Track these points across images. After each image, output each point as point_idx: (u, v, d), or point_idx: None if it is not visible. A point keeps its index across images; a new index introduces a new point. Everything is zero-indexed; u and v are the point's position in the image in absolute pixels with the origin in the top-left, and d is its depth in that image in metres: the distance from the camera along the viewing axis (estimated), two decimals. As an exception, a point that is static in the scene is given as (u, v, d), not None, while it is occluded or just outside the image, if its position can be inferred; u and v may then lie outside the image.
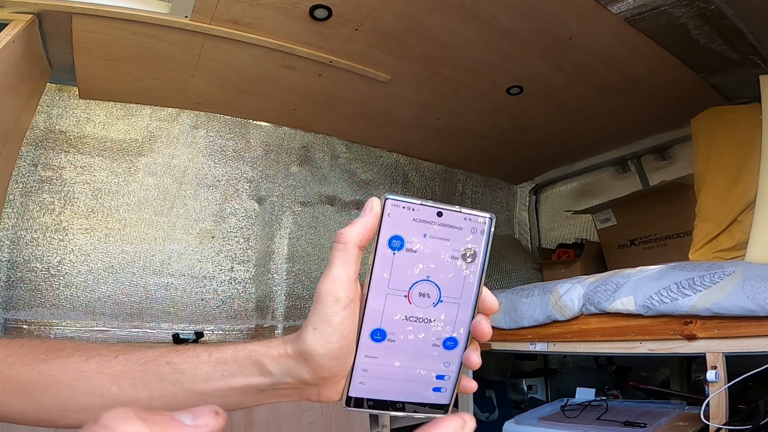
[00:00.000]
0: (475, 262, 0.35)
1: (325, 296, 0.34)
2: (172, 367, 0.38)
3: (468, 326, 0.37)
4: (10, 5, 1.33)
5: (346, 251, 0.34)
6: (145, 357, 0.39)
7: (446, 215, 0.35)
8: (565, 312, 1.60)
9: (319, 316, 0.34)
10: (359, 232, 0.34)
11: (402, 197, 0.34)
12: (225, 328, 2.04)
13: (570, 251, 2.46)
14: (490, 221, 0.35)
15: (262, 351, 0.37)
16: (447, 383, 0.37)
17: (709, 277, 1.26)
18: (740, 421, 1.16)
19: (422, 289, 0.35)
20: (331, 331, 0.34)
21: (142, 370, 0.38)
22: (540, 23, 1.50)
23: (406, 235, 0.34)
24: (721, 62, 1.69)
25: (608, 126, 2.26)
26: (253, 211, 2.17)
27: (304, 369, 0.35)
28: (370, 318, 0.35)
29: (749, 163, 1.50)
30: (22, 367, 0.40)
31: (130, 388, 0.38)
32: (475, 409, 2.11)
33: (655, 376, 2.17)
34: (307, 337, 0.34)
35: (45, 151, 1.78)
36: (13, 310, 1.67)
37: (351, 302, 0.34)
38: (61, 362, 0.40)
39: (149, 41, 1.53)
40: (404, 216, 0.34)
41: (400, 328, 0.35)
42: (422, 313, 0.35)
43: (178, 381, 0.38)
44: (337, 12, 1.43)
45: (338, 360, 0.35)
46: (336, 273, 0.34)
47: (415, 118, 2.17)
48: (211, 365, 0.37)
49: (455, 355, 0.37)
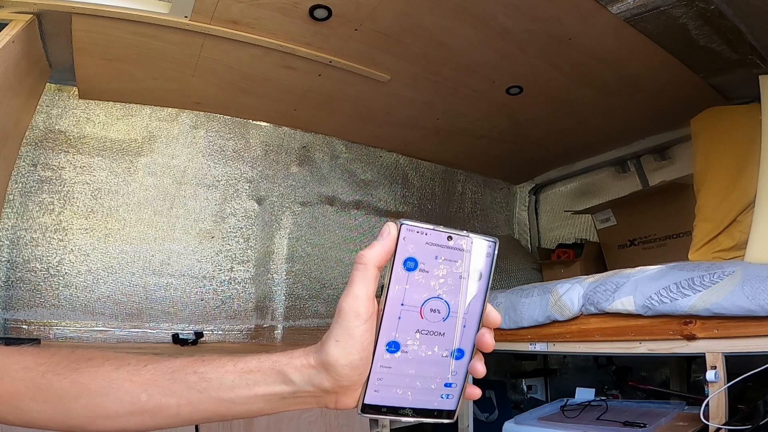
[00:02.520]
0: (481, 280, 0.39)
1: (347, 312, 0.37)
2: (199, 376, 0.40)
3: (473, 338, 0.40)
4: (9, 5, 1.33)
5: (365, 271, 0.38)
6: (173, 366, 0.42)
7: (455, 239, 0.38)
8: (565, 312, 1.60)
9: (342, 330, 0.37)
10: (378, 254, 0.38)
11: (416, 223, 0.38)
12: (224, 328, 2.04)
13: (570, 251, 2.46)
14: (495, 244, 0.39)
15: (285, 361, 0.40)
16: (454, 390, 0.40)
17: (709, 277, 1.26)
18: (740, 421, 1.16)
19: (433, 306, 0.38)
20: (353, 344, 0.37)
21: (171, 378, 0.41)
22: (540, 23, 1.50)
23: (419, 257, 0.38)
24: (720, 62, 1.69)
25: (608, 126, 2.26)
26: (253, 211, 2.17)
27: (326, 378, 0.38)
28: (386, 331, 0.38)
29: (749, 163, 1.50)
30: (55, 375, 0.42)
31: (159, 395, 0.41)
32: (475, 409, 2.11)
33: (654, 376, 2.17)
34: (330, 349, 0.38)
35: (44, 151, 1.78)
36: (12, 310, 1.67)
37: (370, 317, 0.37)
38: (93, 371, 0.42)
39: (149, 41, 1.53)
40: (418, 239, 0.38)
41: (413, 341, 0.39)
42: (433, 327, 0.39)
43: (204, 389, 0.40)
44: (336, 12, 1.43)
45: (357, 370, 0.38)
46: (357, 291, 0.37)
47: (415, 118, 2.17)
48: (236, 374, 0.40)
49: (462, 364, 0.40)
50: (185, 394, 0.40)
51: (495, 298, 1.94)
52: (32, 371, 0.42)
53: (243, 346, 2.03)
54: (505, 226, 3.05)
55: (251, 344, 2.07)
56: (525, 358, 2.55)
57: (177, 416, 0.41)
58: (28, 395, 0.42)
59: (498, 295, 1.95)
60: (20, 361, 0.43)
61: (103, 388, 0.41)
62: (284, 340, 2.16)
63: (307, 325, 2.22)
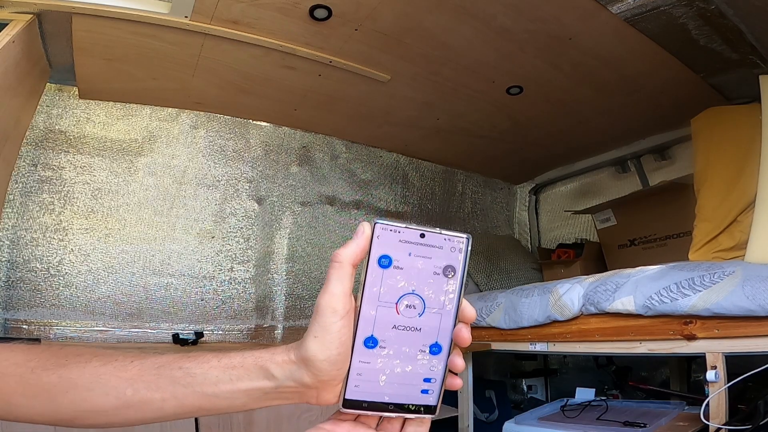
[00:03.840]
0: (455, 276, 0.40)
1: (324, 308, 0.38)
2: (185, 371, 0.41)
3: (450, 333, 0.41)
4: (10, 5, 1.33)
5: (341, 269, 0.39)
6: (158, 362, 0.43)
7: (428, 236, 0.39)
8: (565, 312, 1.60)
9: (319, 326, 0.38)
10: (352, 252, 0.38)
11: (389, 221, 0.39)
12: (225, 328, 2.04)
13: (570, 251, 2.46)
14: (467, 240, 0.40)
15: (267, 357, 0.41)
16: (434, 386, 0.41)
17: (709, 277, 1.26)
18: (740, 421, 1.16)
19: (409, 301, 0.39)
20: (330, 339, 0.38)
21: (156, 374, 0.42)
22: (540, 23, 1.50)
23: (393, 254, 0.39)
24: (720, 62, 1.69)
25: (608, 126, 2.26)
26: (253, 211, 2.17)
27: (306, 373, 0.39)
28: (363, 327, 0.39)
29: (749, 163, 1.50)
30: (44, 371, 0.43)
31: (145, 390, 0.42)
32: (475, 409, 2.11)
33: (654, 376, 2.17)
34: (309, 345, 0.38)
35: (45, 151, 1.78)
36: (12, 310, 1.67)
37: (347, 313, 0.38)
38: (80, 366, 0.43)
39: (149, 41, 1.53)
40: (391, 237, 0.39)
41: (390, 336, 0.40)
42: (409, 323, 0.40)
43: (189, 384, 0.41)
44: (337, 12, 1.43)
45: (336, 365, 0.38)
46: (333, 288, 0.38)
47: (415, 118, 2.17)
48: (220, 370, 0.41)
49: (440, 359, 0.41)
50: (170, 389, 0.41)
51: (495, 298, 1.94)
52: (22, 367, 0.43)
53: (243, 346, 2.02)
54: (505, 226, 3.05)
55: (251, 344, 2.06)
56: (525, 358, 2.56)
57: (161, 410, 0.42)
58: (18, 390, 0.42)
59: (498, 295, 1.95)
60: (10, 357, 0.44)
61: (90, 383, 0.42)
62: (284, 340, 2.16)
63: (307, 325, 2.18)
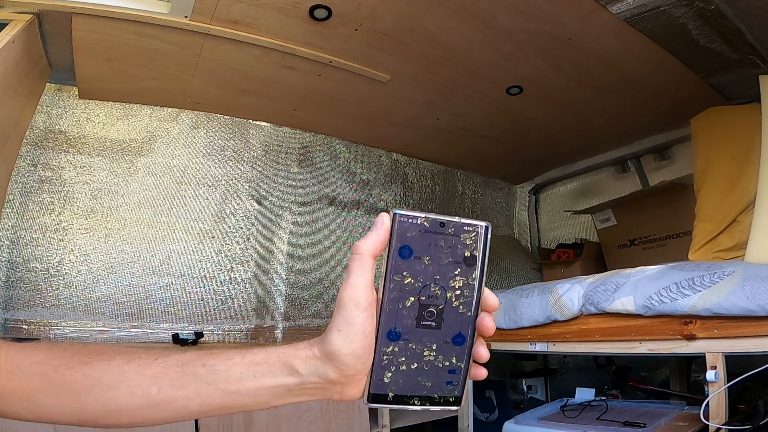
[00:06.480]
0: (476, 265, 0.39)
1: (347, 301, 0.38)
2: (208, 368, 0.41)
3: (473, 323, 0.40)
4: (9, 5, 1.33)
5: (362, 261, 0.38)
6: (182, 359, 0.42)
7: (448, 225, 0.38)
8: (565, 312, 1.60)
9: (342, 319, 0.38)
10: (373, 244, 0.38)
11: (409, 211, 0.38)
12: (224, 328, 2.04)
13: (570, 251, 2.46)
14: (487, 228, 0.39)
15: (291, 353, 0.40)
16: (458, 377, 0.41)
17: (709, 277, 1.26)
18: (740, 421, 1.16)
19: (431, 292, 0.39)
20: (354, 332, 0.38)
21: (180, 371, 0.42)
22: (540, 23, 1.50)
23: (413, 244, 0.38)
24: (720, 62, 1.69)
25: (608, 126, 2.26)
26: (253, 211, 2.17)
27: (330, 368, 0.39)
28: (386, 320, 0.39)
29: (749, 163, 1.50)
30: (68, 369, 0.42)
31: (169, 388, 0.41)
32: (475, 409, 2.12)
33: (654, 376, 2.17)
34: (332, 339, 0.38)
35: (45, 151, 1.78)
36: (12, 310, 1.67)
37: (369, 305, 0.38)
38: (104, 365, 0.43)
39: (149, 41, 1.53)
40: (411, 227, 0.38)
41: (413, 328, 0.39)
42: (432, 313, 0.39)
43: (213, 381, 0.41)
44: (337, 12, 1.43)
45: (360, 359, 0.38)
46: (354, 280, 0.38)
47: (415, 118, 2.17)
48: (244, 366, 0.41)
49: (464, 350, 0.40)
50: (194, 387, 0.41)
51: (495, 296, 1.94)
52: (45, 365, 0.42)
53: (243, 346, 2.02)
54: (505, 226, 3.05)
55: (251, 344, 2.06)
56: (525, 358, 2.56)
57: (186, 408, 0.42)
58: (42, 390, 0.42)
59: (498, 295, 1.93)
60: (33, 356, 0.43)
61: (114, 381, 0.42)
62: (284, 340, 2.16)
63: (307, 325, 2.22)
